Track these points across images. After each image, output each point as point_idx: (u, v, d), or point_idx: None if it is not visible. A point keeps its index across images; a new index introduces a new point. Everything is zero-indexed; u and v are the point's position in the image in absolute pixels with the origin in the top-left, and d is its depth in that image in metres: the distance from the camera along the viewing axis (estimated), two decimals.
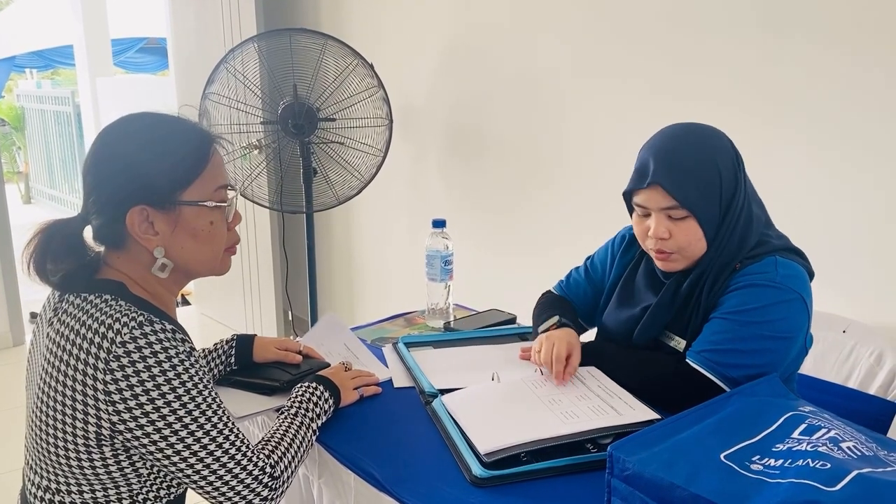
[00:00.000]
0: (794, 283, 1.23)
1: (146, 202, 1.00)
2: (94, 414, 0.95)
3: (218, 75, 2.63)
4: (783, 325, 1.22)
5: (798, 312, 1.23)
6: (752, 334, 1.21)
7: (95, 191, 1.02)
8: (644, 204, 1.26)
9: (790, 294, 1.22)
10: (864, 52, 1.69)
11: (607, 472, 0.95)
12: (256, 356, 1.36)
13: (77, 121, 7.99)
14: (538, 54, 2.45)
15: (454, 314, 1.78)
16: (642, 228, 1.28)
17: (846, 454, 0.88)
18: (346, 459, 1.14)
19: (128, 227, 1.00)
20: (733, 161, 1.26)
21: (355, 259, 3.50)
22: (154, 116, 1.06)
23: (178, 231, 1.03)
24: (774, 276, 1.23)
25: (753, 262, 1.25)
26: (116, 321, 0.95)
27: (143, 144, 1.02)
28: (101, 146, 1.03)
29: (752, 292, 1.23)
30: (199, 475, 0.98)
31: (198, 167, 1.04)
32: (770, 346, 1.21)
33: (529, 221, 2.60)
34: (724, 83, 1.94)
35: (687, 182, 1.22)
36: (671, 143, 1.26)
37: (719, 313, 1.25)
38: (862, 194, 1.75)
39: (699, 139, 1.26)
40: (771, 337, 1.21)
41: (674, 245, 1.25)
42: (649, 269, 1.37)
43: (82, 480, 0.99)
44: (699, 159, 1.23)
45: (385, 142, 2.73)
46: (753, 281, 1.23)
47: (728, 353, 1.21)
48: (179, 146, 1.03)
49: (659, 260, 1.29)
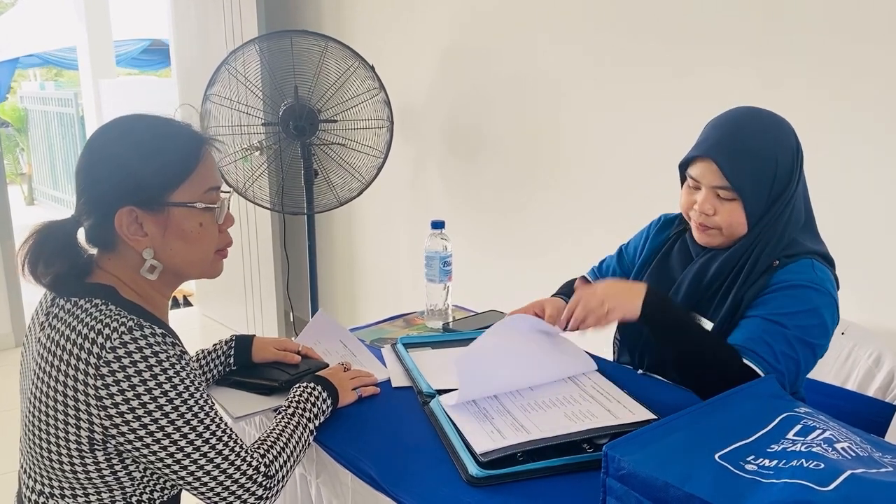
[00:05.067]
0: (829, 286, 1.26)
1: (135, 203, 1.01)
2: (86, 419, 0.95)
3: (219, 76, 2.64)
4: (821, 330, 1.24)
5: (831, 316, 1.26)
6: (797, 339, 1.22)
7: (86, 192, 1.03)
8: (697, 177, 1.29)
9: (828, 297, 1.24)
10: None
11: (602, 471, 0.96)
12: (255, 356, 1.37)
13: (80, 122, 8.02)
14: (538, 57, 2.45)
15: (453, 315, 1.78)
16: (689, 200, 1.32)
17: (840, 455, 0.88)
18: (344, 459, 1.14)
19: (116, 228, 1.01)
20: (793, 156, 1.27)
21: (356, 260, 3.51)
22: (145, 118, 1.06)
23: (167, 233, 1.03)
24: (814, 278, 1.25)
25: (791, 260, 1.27)
26: (106, 326, 0.95)
27: (132, 146, 1.03)
28: (92, 148, 1.04)
29: (794, 295, 1.24)
30: (192, 476, 0.98)
31: (187, 169, 1.04)
32: (805, 352, 1.23)
33: (529, 223, 2.60)
34: (725, 84, 1.94)
35: (742, 165, 1.24)
36: (736, 124, 1.28)
37: (765, 314, 1.24)
38: (861, 197, 1.75)
39: (765, 127, 1.27)
40: (807, 343, 1.23)
41: (716, 222, 1.28)
42: (683, 247, 1.41)
43: (76, 485, 0.99)
44: (760, 146, 1.25)
45: (386, 143, 2.74)
46: (796, 281, 1.24)
47: (783, 356, 1.21)
48: (169, 147, 1.04)
49: (698, 231, 1.32)
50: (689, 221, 1.34)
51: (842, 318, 1.67)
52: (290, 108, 2.67)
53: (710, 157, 1.25)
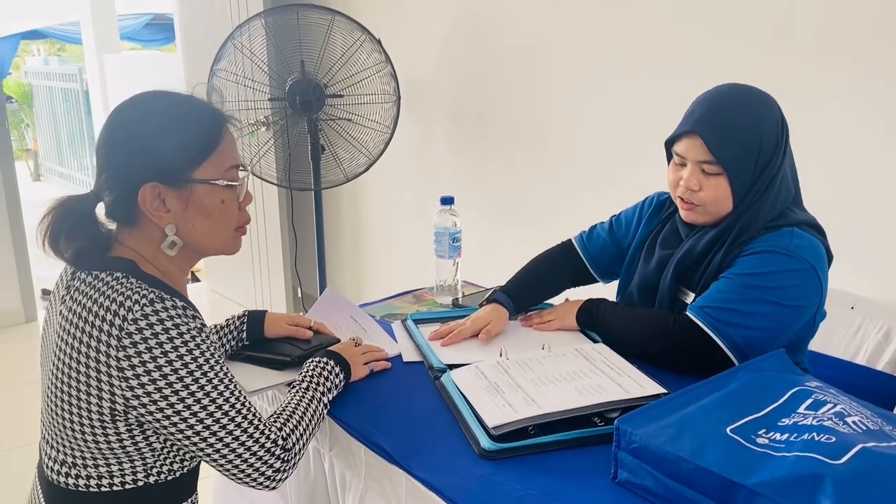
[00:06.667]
0: (806, 254, 1.24)
1: (158, 179, 1.01)
2: (107, 390, 0.96)
3: (225, 52, 2.62)
4: (790, 292, 1.23)
5: (808, 283, 1.24)
6: (756, 298, 1.23)
7: (108, 168, 1.03)
8: (683, 153, 1.30)
9: (802, 263, 1.23)
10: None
11: (614, 445, 0.97)
12: (267, 332, 1.38)
13: (85, 97, 7.99)
14: (546, 30, 2.42)
15: (462, 291, 1.79)
16: (675, 177, 1.33)
17: (851, 429, 0.88)
18: (357, 432, 1.16)
19: (139, 203, 1.01)
20: (777, 130, 1.27)
21: (364, 236, 3.51)
22: (167, 95, 1.06)
23: (189, 209, 1.04)
24: (789, 244, 1.24)
25: (771, 231, 1.27)
26: (128, 299, 0.97)
27: (156, 122, 1.03)
28: (115, 124, 1.04)
29: (763, 258, 1.25)
30: (212, 448, 0.99)
31: (210, 145, 1.04)
32: (773, 311, 1.23)
33: (538, 198, 2.59)
34: (731, 62, 1.92)
35: (727, 139, 1.25)
36: (721, 99, 1.29)
37: (728, 273, 1.27)
38: (872, 171, 1.73)
39: (749, 102, 1.28)
40: (775, 303, 1.23)
41: (702, 198, 1.29)
42: (673, 228, 1.42)
43: (97, 455, 1.01)
44: (744, 120, 1.26)
45: (393, 118, 2.73)
46: (767, 247, 1.25)
47: (729, 311, 1.23)
48: (192, 124, 1.04)
49: (684, 209, 1.34)
50: (676, 200, 1.35)
51: (851, 293, 1.68)
52: (296, 83, 2.65)
53: (695, 131, 1.26)
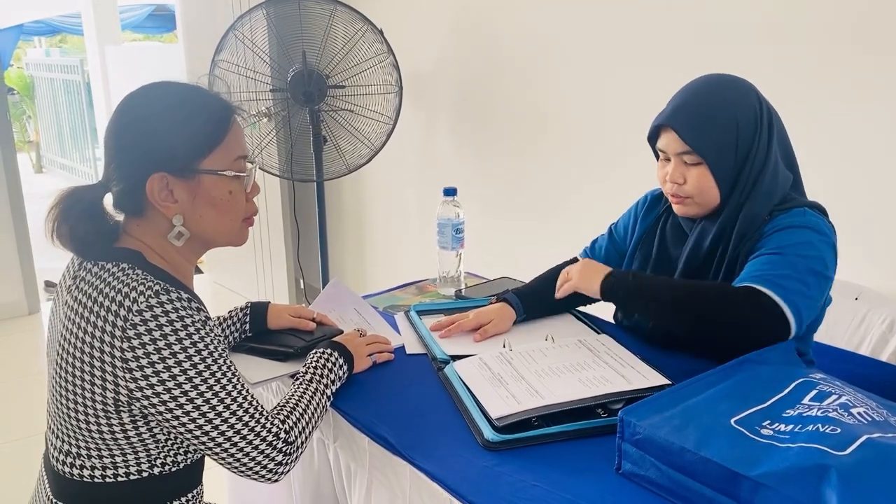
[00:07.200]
0: (825, 228, 1.26)
1: (166, 169, 1.01)
2: (111, 381, 0.96)
3: (227, 42, 2.61)
4: (825, 262, 1.22)
5: (832, 256, 1.24)
6: (803, 266, 1.19)
7: (117, 158, 1.03)
8: (663, 148, 1.32)
9: (824, 236, 1.24)
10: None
11: (618, 436, 0.97)
12: (270, 323, 1.38)
13: (86, 89, 7.97)
14: (549, 19, 2.41)
15: (465, 282, 1.79)
16: (662, 173, 1.34)
17: (856, 420, 0.88)
18: (361, 424, 1.16)
19: (147, 193, 1.01)
20: (755, 115, 1.27)
21: (366, 227, 3.51)
22: (175, 85, 1.06)
23: (197, 200, 1.04)
24: (807, 220, 1.25)
25: (782, 212, 1.27)
26: (133, 290, 0.97)
27: (164, 112, 1.03)
28: (123, 114, 1.04)
29: (791, 232, 1.23)
30: (214, 441, 0.99)
31: (218, 136, 1.04)
32: (817, 282, 1.20)
33: (541, 189, 2.59)
34: (732, 48, 1.91)
35: (700, 128, 1.26)
36: (692, 91, 1.30)
37: (766, 250, 1.22)
38: (877, 160, 1.73)
39: (720, 89, 1.29)
40: (817, 273, 1.20)
41: (688, 190, 1.30)
42: (674, 224, 1.42)
43: (102, 446, 1.01)
44: (715, 107, 1.27)
45: (395, 109, 2.72)
46: (790, 223, 1.24)
47: (787, 278, 1.17)
48: (200, 115, 1.04)
49: (675, 204, 1.35)
50: (668, 197, 1.35)
51: (855, 283, 1.68)
52: (298, 74, 2.65)
53: (668, 125, 1.28)
